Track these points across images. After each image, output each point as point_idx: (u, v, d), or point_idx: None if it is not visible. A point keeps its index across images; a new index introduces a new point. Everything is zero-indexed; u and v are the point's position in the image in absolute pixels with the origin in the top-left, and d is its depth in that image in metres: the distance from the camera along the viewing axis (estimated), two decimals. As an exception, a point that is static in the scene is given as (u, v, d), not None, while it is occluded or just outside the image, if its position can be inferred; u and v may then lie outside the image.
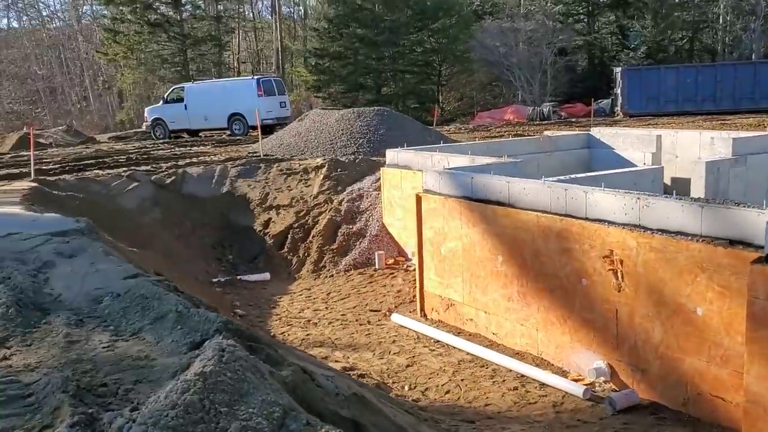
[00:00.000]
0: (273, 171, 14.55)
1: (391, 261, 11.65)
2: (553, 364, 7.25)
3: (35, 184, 11.70)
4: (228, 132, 25.68)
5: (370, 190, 13.22)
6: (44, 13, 54.62)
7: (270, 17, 63.85)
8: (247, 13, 55.96)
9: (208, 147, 19.81)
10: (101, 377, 3.73)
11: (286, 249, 12.38)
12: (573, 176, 9.09)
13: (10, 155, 20.06)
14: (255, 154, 16.57)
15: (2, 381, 3.66)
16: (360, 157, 14.87)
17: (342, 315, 9.53)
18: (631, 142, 13.37)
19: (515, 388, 6.79)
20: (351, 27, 37.37)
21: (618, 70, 29.55)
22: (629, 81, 27.50)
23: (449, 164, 10.62)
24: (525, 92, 34.26)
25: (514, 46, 34.44)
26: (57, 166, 15.00)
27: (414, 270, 11.05)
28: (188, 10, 40.77)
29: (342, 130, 16.30)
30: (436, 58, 40.81)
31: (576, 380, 6.78)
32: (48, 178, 12.81)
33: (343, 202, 12.99)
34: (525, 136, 20.53)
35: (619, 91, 28.20)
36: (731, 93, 26.86)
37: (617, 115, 28.33)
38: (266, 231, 12.85)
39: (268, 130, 25.75)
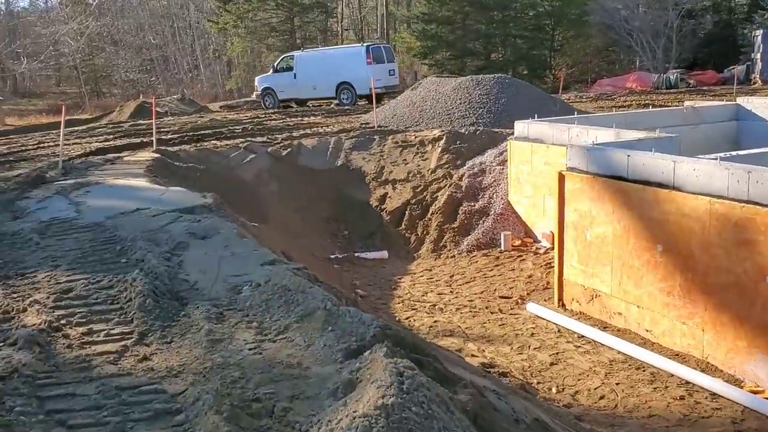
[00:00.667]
0: (388, 143, 14.02)
1: (517, 242, 10.90)
2: (721, 371, 6.37)
3: (157, 155, 11.68)
4: (336, 101, 25.35)
5: (493, 164, 12.45)
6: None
7: (374, -17, 63.25)
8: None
9: (318, 117, 19.52)
10: (252, 389, 3.28)
11: (403, 226, 11.86)
12: (733, 153, 8.04)
13: (129, 123, 20.55)
14: (368, 126, 16.09)
15: (146, 390, 3.28)
16: (480, 128, 14.08)
17: (469, 301, 8.91)
18: (790, 114, 11.94)
19: (681, 397, 5.98)
20: (462, -11, 36.11)
21: (757, 33, 26.96)
22: (769, 45, 25.07)
23: (590, 138, 9.71)
24: (647, 58, 32.00)
25: (636, 8, 32.16)
26: (176, 135, 15.06)
27: (546, 254, 10.29)
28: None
29: (459, 99, 15.52)
30: (550, 21, 38.94)
31: (755, 392, 5.90)
32: (169, 148, 12.81)
33: (463, 178, 12.30)
34: (652, 105, 19.05)
35: (758, 57, 25.74)
36: None
37: (754, 82, 25.93)
38: (382, 206, 12.36)
39: (376, 99, 25.31)
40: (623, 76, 29.45)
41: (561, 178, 8.20)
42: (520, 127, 11.34)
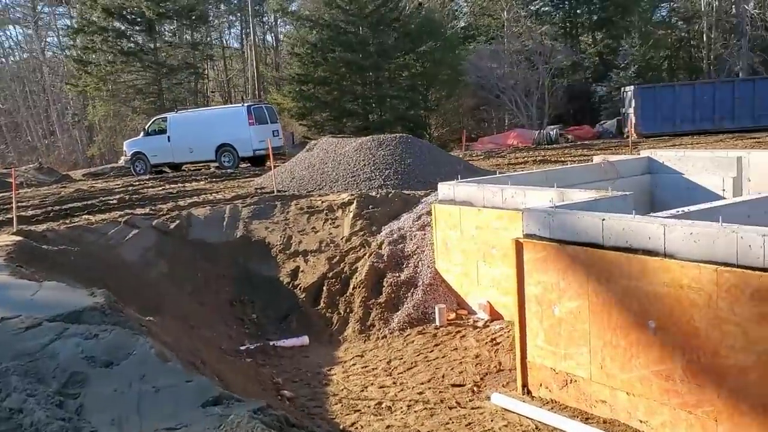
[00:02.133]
0: (292, 210, 12.66)
1: (452, 315, 9.79)
2: (743, 467, 5.45)
3: (20, 237, 9.62)
4: (216, 164, 23.69)
5: (413, 229, 11.40)
6: (5, 45, 51.94)
7: (239, 45, 62.37)
8: (214, 41, 54.00)
9: (203, 182, 17.82)
10: None
11: (322, 304, 10.43)
12: (688, 209, 7.43)
13: (-23, 198, 17.80)
14: (265, 190, 14.66)
15: None
16: (390, 191, 13.06)
17: (419, 393, 7.61)
18: (704, 165, 11.84)
19: None
20: (336, 51, 35.71)
21: (628, 89, 28.29)
22: (643, 100, 26.21)
23: (528, 200, 8.88)
24: (521, 115, 32.87)
25: (507, 67, 33.10)
26: (39, 211, 12.89)
27: (486, 327, 9.26)
28: (163, 37, 38.81)
29: (363, 160, 14.48)
30: (423, 82, 39.49)
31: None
32: (33, 228, 10.72)
33: (383, 246, 11.12)
34: (539, 161, 19.02)
35: (631, 111, 26.87)
36: (750, 110, 25.67)
37: (628, 135, 27.03)
38: (295, 282, 10.89)
39: (260, 161, 23.87)
40: (504, 133, 29.93)
41: (518, 247, 7.20)
42: (445, 189, 10.37)
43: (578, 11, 46.60)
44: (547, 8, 47.60)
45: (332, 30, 35.91)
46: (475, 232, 9.71)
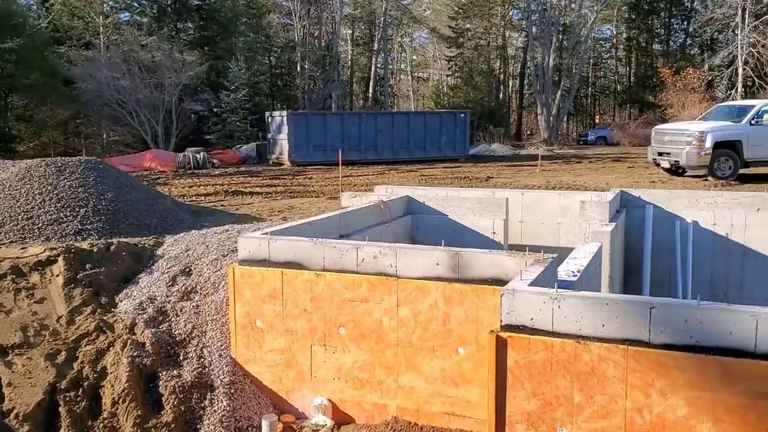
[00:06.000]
0: (-54, 276, 7.87)
1: (279, 427, 6.89)
2: None
3: None
4: None
5: (173, 299, 7.99)
6: None
7: None
8: None
9: None
10: None
11: (64, 438, 6.38)
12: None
13: None
14: None
15: None
16: (109, 240, 9.14)
17: None
18: (470, 206, 11.19)
19: None
20: None
21: (278, 113, 26.86)
22: (295, 127, 25.12)
23: (399, 262, 6.67)
24: (146, 134, 28.94)
25: (128, 78, 28.85)
26: None
27: (349, 441, 6.68)
28: None
29: (41, 193, 9.99)
30: (4, 86, 32.54)
31: None
32: None
33: (138, 328, 7.48)
34: (230, 192, 16.46)
35: (282, 137, 25.56)
36: (390, 143, 26.76)
37: (278, 163, 25.76)
38: (2, 405, 6.51)
39: None
40: (138, 154, 25.83)
41: (500, 345, 5.01)
42: (254, 244, 7.33)
43: (179, 26, 44.50)
44: (146, 19, 44.20)
45: None
46: (309, 306, 7.03)
